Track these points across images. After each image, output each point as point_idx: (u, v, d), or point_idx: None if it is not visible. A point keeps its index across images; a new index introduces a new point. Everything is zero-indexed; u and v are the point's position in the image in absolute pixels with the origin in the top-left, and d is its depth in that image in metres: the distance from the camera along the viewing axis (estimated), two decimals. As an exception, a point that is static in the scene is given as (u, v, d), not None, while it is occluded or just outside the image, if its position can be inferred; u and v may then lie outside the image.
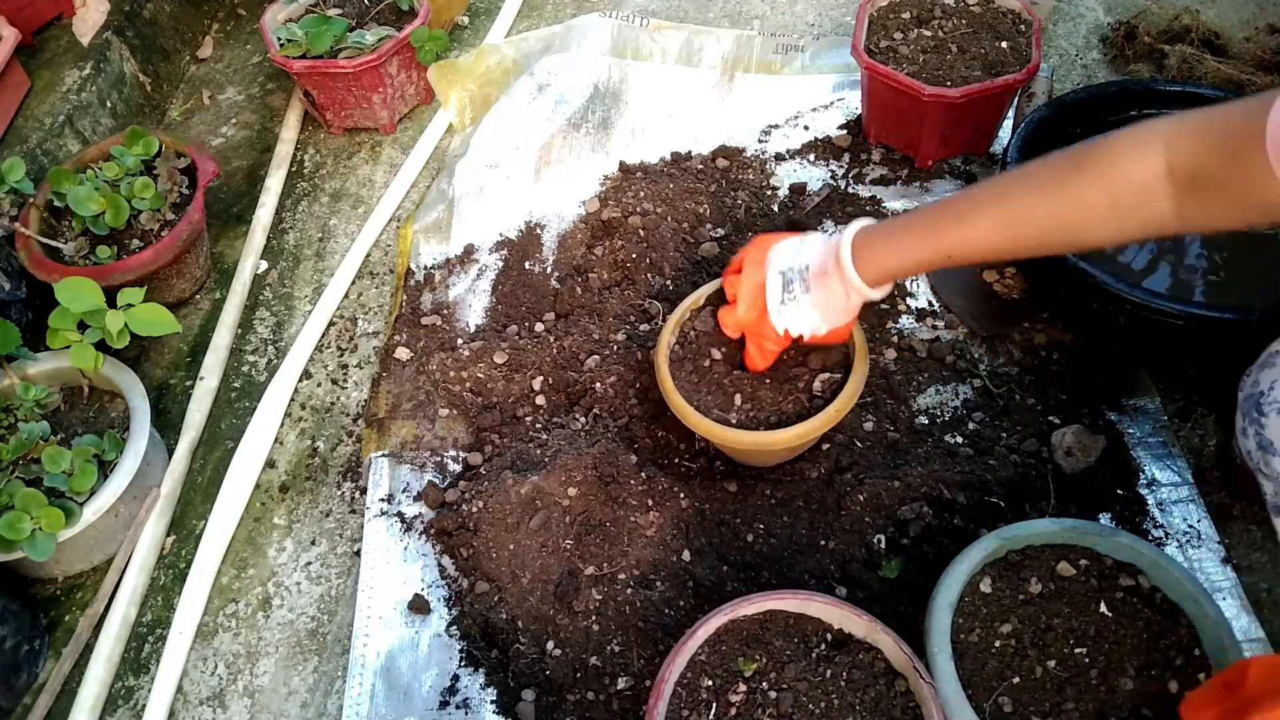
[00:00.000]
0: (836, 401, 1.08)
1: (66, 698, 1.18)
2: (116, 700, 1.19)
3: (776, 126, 1.69)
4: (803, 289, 1.02)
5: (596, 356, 1.36)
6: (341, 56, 1.70)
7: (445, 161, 1.74)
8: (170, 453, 1.38)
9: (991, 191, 0.91)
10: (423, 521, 1.26)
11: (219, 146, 1.87)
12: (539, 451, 1.27)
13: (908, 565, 1.13)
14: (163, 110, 1.95)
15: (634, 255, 1.46)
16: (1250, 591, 1.10)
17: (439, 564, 1.22)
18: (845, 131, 1.65)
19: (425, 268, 1.56)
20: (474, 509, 1.21)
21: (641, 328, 1.40)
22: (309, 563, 1.28)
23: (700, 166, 1.62)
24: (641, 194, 1.53)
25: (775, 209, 1.54)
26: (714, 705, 0.95)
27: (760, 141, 1.67)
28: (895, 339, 1.36)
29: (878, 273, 0.97)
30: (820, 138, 1.65)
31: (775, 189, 1.58)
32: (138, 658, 1.22)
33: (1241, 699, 0.85)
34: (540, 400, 1.35)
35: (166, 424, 1.44)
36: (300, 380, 1.47)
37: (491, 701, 1.10)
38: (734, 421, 1.10)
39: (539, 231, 1.57)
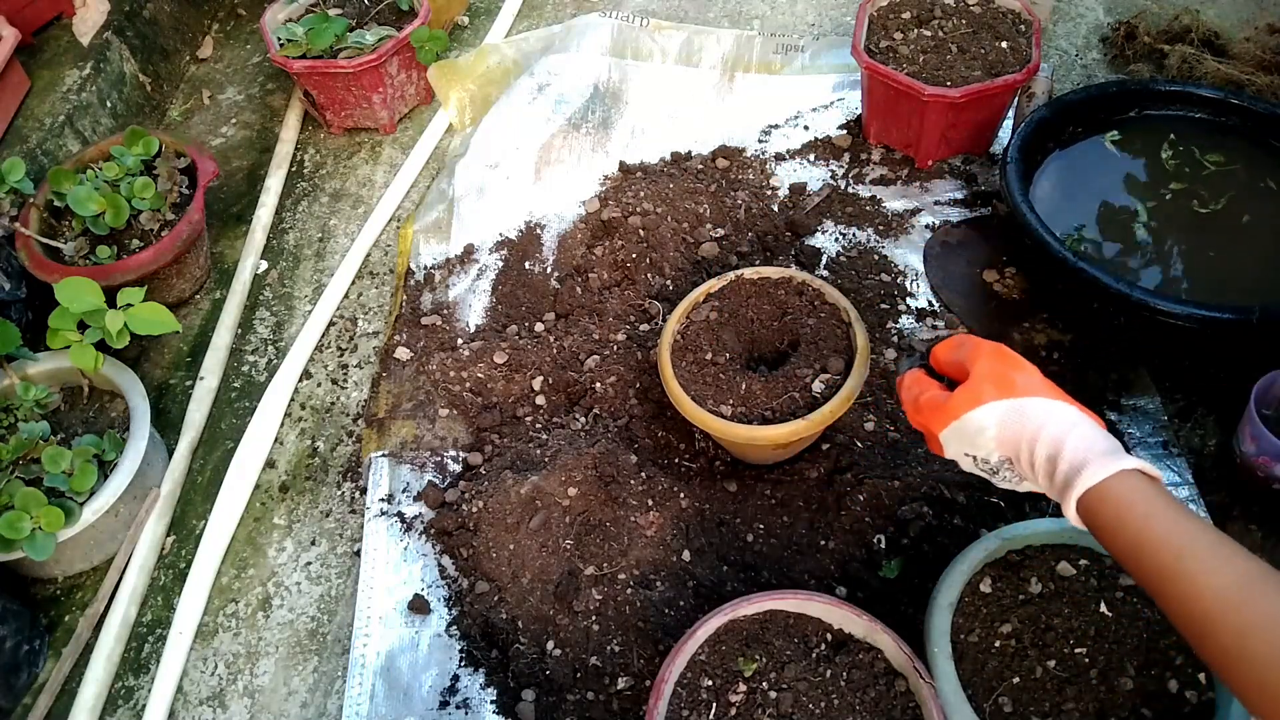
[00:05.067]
0: (831, 403, 1.08)
1: (66, 698, 1.18)
2: (116, 700, 1.19)
3: (776, 126, 1.69)
4: None
5: (596, 356, 1.36)
6: (341, 56, 1.70)
7: (445, 161, 1.74)
8: (170, 453, 1.38)
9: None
10: (423, 521, 1.26)
11: (219, 146, 1.87)
12: (539, 451, 1.27)
13: (908, 565, 1.13)
14: (163, 110, 1.95)
15: (634, 255, 1.46)
16: (1250, 591, 1.10)
17: (439, 564, 1.22)
18: (845, 131, 1.65)
19: (425, 268, 1.56)
20: (474, 509, 1.21)
21: (641, 328, 1.40)
22: (309, 563, 1.28)
23: (700, 166, 1.62)
24: (641, 194, 1.53)
25: (775, 209, 1.54)
26: (714, 705, 0.95)
27: (760, 141, 1.67)
28: (895, 339, 1.35)
29: None
30: (820, 138, 1.65)
31: (775, 189, 1.58)
32: (138, 658, 1.22)
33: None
34: (540, 400, 1.35)
35: (166, 424, 1.44)
36: (300, 380, 1.47)
37: (491, 701, 1.10)
38: (728, 414, 1.11)
39: (539, 231, 1.57)
